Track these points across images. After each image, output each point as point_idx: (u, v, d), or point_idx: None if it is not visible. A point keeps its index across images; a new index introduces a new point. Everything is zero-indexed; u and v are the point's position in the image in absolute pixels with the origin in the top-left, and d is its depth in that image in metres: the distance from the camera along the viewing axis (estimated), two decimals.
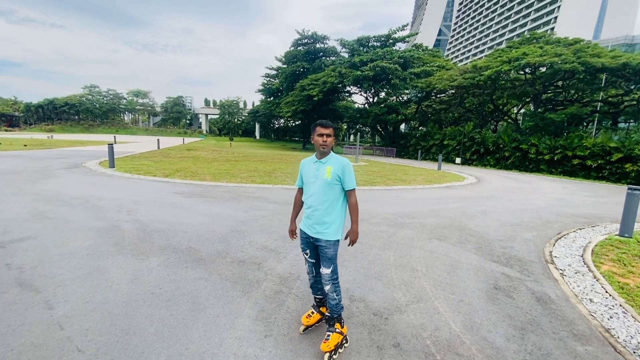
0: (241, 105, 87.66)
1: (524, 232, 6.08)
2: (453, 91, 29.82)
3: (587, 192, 12.62)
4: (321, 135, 2.37)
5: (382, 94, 34.77)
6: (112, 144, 12.74)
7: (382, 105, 31.69)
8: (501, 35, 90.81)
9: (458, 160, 25.01)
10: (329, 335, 2.35)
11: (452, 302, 3.24)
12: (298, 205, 2.69)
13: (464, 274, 3.97)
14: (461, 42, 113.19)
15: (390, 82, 29.85)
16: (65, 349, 2.24)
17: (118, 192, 7.82)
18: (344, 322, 2.49)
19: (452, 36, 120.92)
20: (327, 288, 2.40)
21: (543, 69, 23.09)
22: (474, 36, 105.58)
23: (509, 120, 30.06)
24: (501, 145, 23.76)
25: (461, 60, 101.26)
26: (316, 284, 2.63)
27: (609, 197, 11.63)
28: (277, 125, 78.35)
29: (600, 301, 3.46)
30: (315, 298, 2.68)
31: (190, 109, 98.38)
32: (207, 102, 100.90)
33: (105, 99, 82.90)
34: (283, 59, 47.13)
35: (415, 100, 33.69)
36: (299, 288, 3.31)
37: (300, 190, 2.65)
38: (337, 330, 2.38)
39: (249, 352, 2.29)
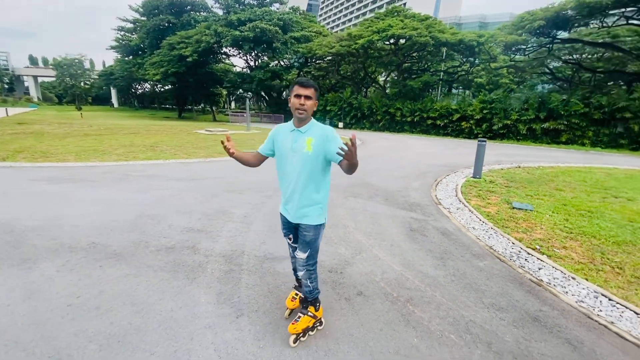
0: (87, 65, 70.65)
1: (412, 182, 7.25)
2: (330, 58, 31.31)
3: (442, 146, 15.73)
4: (298, 96, 1.91)
5: (265, 58, 33.64)
6: None
7: (266, 70, 30.82)
8: (365, 6, 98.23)
9: (340, 124, 27.07)
10: (299, 317, 2.18)
11: (385, 247, 3.71)
12: (250, 158, 2.21)
13: (384, 222, 4.54)
14: (331, 9, 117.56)
15: (272, 46, 29.07)
16: None
17: None
18: (319, 305, 2.28)
19: (323, 1, 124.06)
20: (300, 274, 2.17)
21: (403, 41, 26.48)
22: (342, 4, 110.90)
23: (378, 87, 33.79)
24: (374, 110, 26.75)
25: (332, 28, 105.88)
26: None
27: (456, 149, 14.81)
28: (140, 91, 67.11)
29: (479, 227, 4.55)
30: (298, 280, 2.45)
31: (7, 69, 73.92)
32: (33, 61, 77.80)
33: None
34: (141, 9, 39.67)
35: (297, 66, 34.00)
36: (249, 263, 3.19)
37: (259, 155, 2.21)
38: (309, 313, 2.20)
39: (228, 337, 2.15)
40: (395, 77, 29.89)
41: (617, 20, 18.85)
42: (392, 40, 26.19)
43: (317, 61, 33.83)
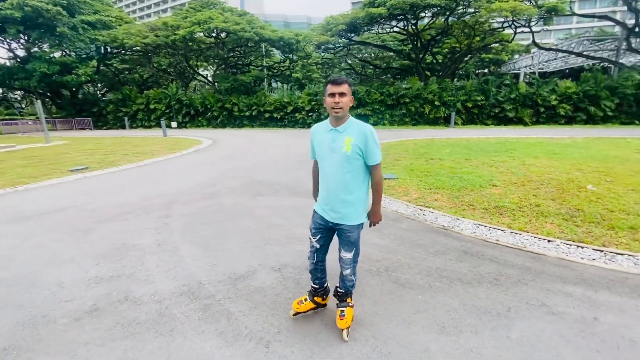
0: None
1: (296, 172, 7.66)
2: (138, 48, 27.12)
3: (290, 137, 16.89)
4: (332, 95, 1.88)
5: (45, 47, 25.42)
6: None
7: (52, 62, 23.41)
8: None
9: (174, 124, 24.31)
10: (343, 312, 2.21)
11: None
12: (317, 175, 2.28)
13: (308, 212, 4.71)
14: None
15: (56, 31, 22.34)
16: None
17: None
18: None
19: None
20: (346, 272, 2.21)
21: (223, 35, 26.07)
22: None
23: (207, 81, 32.13)
24: (209, 106, 25.46)
25: (128, 14, 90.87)
26: (316, 272, 2.32)
27: (303, 137, 16.25)
28: None
29: None
30: (312, 286, 2.37)
31: None
32: None
33: None
34: None
35: (98, 58, 27.69)
36: (220, 291, 2.74)
37: (317, 162, 2.23)
38: (350, 304, 2.27)
39: None
40: (224, 72, 29.22)
41: (391, 29, 24.98)
42: (214, 33, 25.33)
43: (123, 52, 28.57)
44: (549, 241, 3.62)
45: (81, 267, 3.17)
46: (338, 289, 2.31)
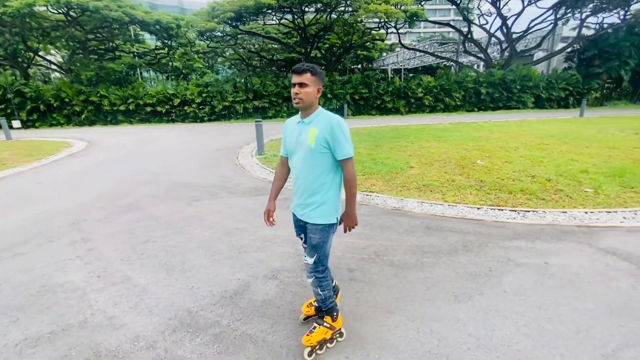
0: None
1: (221, 170, 7.05)
2: None
3: (187, 133, 15.21)
4: (293, 85, 1.76)
5: None
6: None
7: None
8: None
9: (16, 123, 18.62)
10: (314, 328, 2.00)
11: None
12: (279, 178, 2.13)
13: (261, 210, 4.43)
14: None
15: None
16: None
17: None
18: (336, 315, 2.07)
19: None
20: (309, 280, 1.98)
21: (78, 12, 21.26)
22: None
23: (56, 68, 25.75)
24: (66, 99, 20.54)
25: None
26: None
27: (205, 132, 14.90)
28: None
29: None
30: None
31: None
32: None
33: None
34: None
35: None
36: (226, 315, 2.35)
37: (284, 160, 2.08)
38: (325, 324, 2.02)
39: None
40: (83, 57, 23.91)
41: (279, 21, 24.98)
42: (65, 9, 20.38)
43: None
44: (478, 208, 4.39)
45: (14, 324, 2.22)
46: (315, 302, 2.18)
